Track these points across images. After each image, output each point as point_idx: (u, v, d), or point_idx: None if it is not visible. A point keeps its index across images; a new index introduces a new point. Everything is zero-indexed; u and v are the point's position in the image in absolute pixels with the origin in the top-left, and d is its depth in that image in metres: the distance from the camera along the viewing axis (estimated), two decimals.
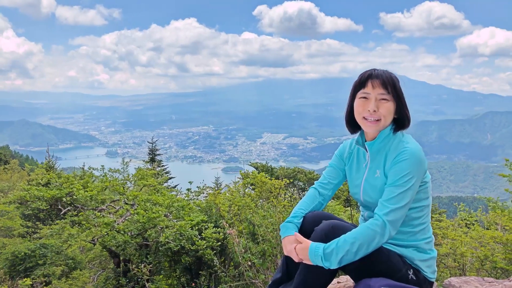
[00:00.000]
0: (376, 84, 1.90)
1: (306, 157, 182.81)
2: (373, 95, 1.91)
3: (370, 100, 1.91)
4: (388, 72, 1.95)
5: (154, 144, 20.11)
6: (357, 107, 1.97)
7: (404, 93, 1.95)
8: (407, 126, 1.97)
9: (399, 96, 1.93)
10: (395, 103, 1.92)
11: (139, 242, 4.29)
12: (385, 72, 1.94)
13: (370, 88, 1.91)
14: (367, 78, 1.93)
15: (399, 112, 1.94)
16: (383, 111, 1.91)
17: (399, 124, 1.97)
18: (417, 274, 1.92)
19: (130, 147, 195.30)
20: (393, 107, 1.92)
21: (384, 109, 1.90)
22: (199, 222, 4.25)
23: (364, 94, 1.93)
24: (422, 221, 1.96)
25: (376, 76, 1.91)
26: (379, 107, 1.90)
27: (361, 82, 1.95)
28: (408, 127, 1.97)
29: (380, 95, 1.90)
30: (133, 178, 5.54)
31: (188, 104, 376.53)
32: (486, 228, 5.99)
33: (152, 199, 4.31)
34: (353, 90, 2.01)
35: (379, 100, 1.90)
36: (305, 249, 1.83)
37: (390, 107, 1.91)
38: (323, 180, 2.22)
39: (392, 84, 1.91)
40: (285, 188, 6.85)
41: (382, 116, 1.91)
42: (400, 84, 1.95)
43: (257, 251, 3.94)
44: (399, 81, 1.95)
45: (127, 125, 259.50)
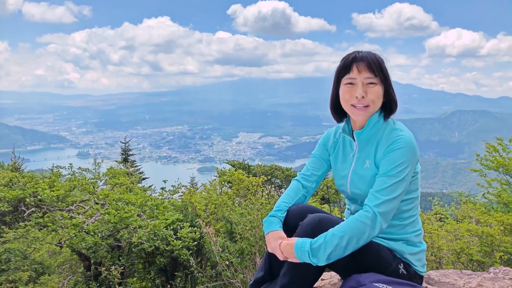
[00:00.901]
0: (362, 68, 1.76)
1: (281, 156, 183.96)
2: (359, 80, 1.77)
3: (357, 86, 1.78)
4: (372, 53, 1.81)
5: (127, 144, 19.65)
6: (343, 94, 1.83)
7: (390, 74, 1.83)
8: (395, 110, 1.85)
9: (386, 78, 1.81)
10: (383, 86, 1.79)
11: (111, 243, 4.08)
12: (370, 53, 1.81)
13: (355, 73, 1.77)
14: (351, 62, 1.79)
15: (387, 95, 1.82)
16: (372, 96, 1.78)
17: (386, 109, 1.86)
18: (408, 268, 1.83)
19: (103, 147, 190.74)
20: (381, 91, 1.79)
21: (372, 93, 1.77)
22: (174, 221, 4.08)
23: (350, 80, 1.79)
24: (412, 213, 1.87)
25: (361, 59, 1.78)
26: (367, 92, 1.77)
27: (345, 67, 1.81)
28: (395, 111, 1.85)
29: (367, 79, 1.77)
30: (104, 176, 5.29)
31: (162, 103, 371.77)
32: (458, 222, 6.10)
33: (124, 198, 4.11)
34: (336, 75, 1.87)
35: (366, 84, 1.77)
36: (290, 245, 1.70)
37: (379, 90, 1.78)
38: (306, 171, 2.09)
39: (378, 66, 1.78)
40: (263, 185, 6.75)
41: (371, 101, 1.78)
42: (386, 64, 1.82)
43: (235, 250, 3.83)
44: (385, 61, 1.83)
45: (99, 125, 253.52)
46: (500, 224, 4.46)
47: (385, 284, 1.52)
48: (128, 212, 3.68)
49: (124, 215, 3.63)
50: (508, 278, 2.67)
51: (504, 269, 2.83)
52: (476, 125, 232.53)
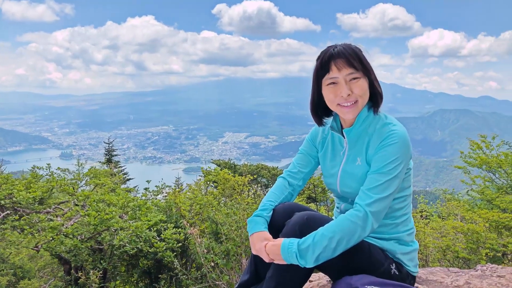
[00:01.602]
0: (341, 65, 1.66)
1: (268, 155, 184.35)
2: (341, 78, 1.67)
3: (340, 84, 1.68)
4: (348, 45, 1.70)
5: (111, 145, 19.33)
6: (327, 96, 1.74)
7: (371, 64, 1.73)
8: (381, 101, 1.76)
9: (368, 69, 1.71)
10: (366, 78, 1.70)
11: (92, 246, 3.94)
12: (346, 46, 1.69)
13: (335, 71, 1.67)
14: (328, 60, 1.68)
15: (371, 87, 1.73)
16: (358, 91, 1.68)
17: (373, 101, 1.77)
18: (400, 269, 1.76)
19: (86, 148, 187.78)
20: (366, 84, 1.70)
21: (358, 88, 1.68)
22: (157, 222, 3.97)
23: (332, 80, 1.69)
24: (404, 212, 1.80)
25: (338, 55, 1.66)
26: (353, 88, 1.68)
27: (323, 66, 1.70)
28: (382, 102, 1.76)
29: (349, 75, 1.67)
30: (85, 177, 5.12)
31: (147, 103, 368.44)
32: (443, 219, 6.15)
33: (105, 199, 3.97)
34: (315, 76, 1.76)
35: (350, 81, 1.68)
36: (277, 246, 1.60)
37: (363, 84, 1.69)
38: (292, 168, 1.99)
39: (358, 59, 1.67)
40: (249, 184, 6.68)
41: (358, 97, 1.69)
42: (365, 54, 1.72)
43: (220, 251, 3.75)
44: (363, 51, 1.72)
45: (83, 125, 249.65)
46: (485, 221, 4.49)
47: (378, 286, 1.45)
48: (109, 213, 3.55)
49: (105, 217, 3.51)
50: (496, 275, 2.66)
51: (491, 267, 2.82)
52: (458, 123, 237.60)
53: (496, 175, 7.33)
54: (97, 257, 4.32)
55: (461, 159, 7.76)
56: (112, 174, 8.68)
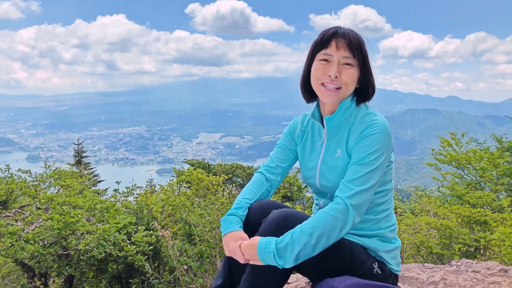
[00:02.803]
0: (341, 45, 1.59)
1: (243, 156, 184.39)
2: (336, 58, 1.60)
3: (332, 64, 1.60)
4: (354, 32, 1.64)
5: (80, 146, 18.73)
6: (315, 71, 1.65)
7: (370, 58, 1.66)
8: (372, 96, 1.69)
9: (365, 61, 1.64)
10: (359, 69, 1.63)
11: (56, 251, 3.72)
12: (352, 31, 1.63)
13: (333, 49, 1.59)
14: (330, 37, 1.61)
15: (364, 81, 1.66)
16: (346, 78, 1.61)
17: (361, 94, 1.70)
18: (383, 267, 1.67)
19: (55, 150, 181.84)
20: (356, 74, 1.63)
21: (347, 75, 1.60)
22: (126, 225, 3.79)
23: (326, 56, 1.61)
24: (386, 207, 1.72)
25: (342, 35, 1.60)
26: (342, 73, 1.60)
27: (323, 41, 1.62)
28: (372, 97, 1.69)
29: (344, 59, 1.60)
30: (48, 178, 4.84)
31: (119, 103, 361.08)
32: (415, 215, 6.24)
33: (70, 202, 3.76)
34: (312, 50, 1.67)
35: (342, 64, 1.60)
36: (253, 246, 1.48)
37: (354, 74, 1.62)
38: (270, 163, 1.88)
39: (359, 46, 1.61)
40: (223, 184, 6.56)
41: (343, 83, 1.61)
42: (367, 47, 1.65)
43: (194, 253, 3.62)
44: (366, 43, 1.65)
45: (51, 126, 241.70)
46: (457, 217, 4.56)
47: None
48: (74, 216, 3.35)
49: (69, 220, 3.30)
50: (471, 270, 2.66)
51: (466, 262, 2.83)
52: (427, 123, 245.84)
53: (465, 171, 7.53)
54: (63, 263, 4.09)
55: (432, 156, 7.93)
56: (82, 176, 8.35)
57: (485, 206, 5.95)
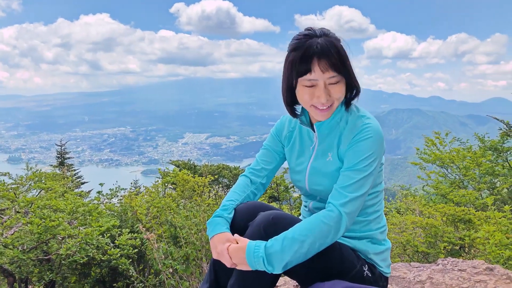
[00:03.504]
0: (325, 67, 1.47)
1: (229, 156, 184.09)
2: (321, 81, 1.50)
3: (319, 88, 1.51)
4: (331, 42, 1.50)
5: (63, 147, 18.36)
6: (302, 95, 1.55)
7: (349, 56, 1.56)
8: (357, 95, 1.62)
9: (349, 71, 1.55)
10: (345, 80, 1.55)
11: (37, 256, 3.61)
12: (329, 43, 1.49)
13: (318, 74, 1.48)
14: (311, 57, 1.47)
15: (349, 87, 1.59)
16: (336, 95, 1.53)
17: (348, 96, 1.63)
18: (373, 270, 1.64)
19: (37, 151, 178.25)
20: (344, 86, 1.55)
21: (336, 92, 1.53)
22: (109, 228, 3.70)
23: (310, 82, 1.51)
24: (376, 208, 1.69)
25: (322, 54, 1.47)
26: (330, 92, 1.53)
27: (304, 63, 1.49)
28: (358, 96, 1.62)
29: (330, 79, 1.50)
30: (28, 181, 4.70)
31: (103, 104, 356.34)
32: (401, 214, 6.29)
33: (51, 205, 3.65)
34: (292, 69, 1.54)
35: (329, 84, 1.52)
36: (241, 250, 1.43)
37: (342, 87, 1.54)
38: (255, 165, 1.83)
39: (342, 61, 1.50)
40: (210, 185, 6.49)
41: (335, 99, 1.55)
42: (347, 50, 1.55)
43: (179, 256, 3.56)
44: (344, 47, 1.55)
45: (33, 127, 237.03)
46: (442, 215, 4.60)
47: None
48: (55, 220, 3.25)
49: (50, 224, 3.20)
50: (457, 269, 2.68)
51: (452, 260, 2.84)
52: (411, 122, 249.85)
53: (449, 170, 7.64)
54: (44, 267, 3.98)
55: (417, 155, 8.02)
56: (64, 178, 8.16)
57: (469, 204, 6.04)
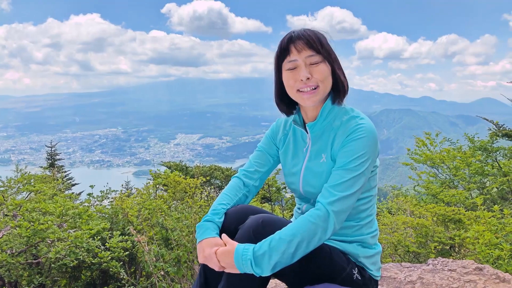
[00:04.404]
0: (301, 47, 1.55)
1: (221, 157, 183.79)
2: (301, 61, 1.55)
3: (300, 68, 1.55)
4: (309, 29, 1.59)
5: (53, 149, 18.14)
6: (287, 81, 1.60)
7: (334, 50, 1.62)
8: (343, 90, 1.63)
9: (330, 54, 1.59)
10: (328, 63, 1.58)
11: (26, 260, 3.56)
12: (306, 30, 1.59)
13: (295, 54, 1.56)
14: (288, 43, 1.57)
15: (334, 75, 1.61)
16: (318, 76, 1.56)
17: (336, 93, 1.64)
18: (363, 273, 1.64)
19: (27, 153, 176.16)
20: (328, 69, 1.58)
21: (318, 73, 1.56)
22: (100, 231, 3.67)
23: (291, 64, 1.57)
24: (369, 213, 1.68)
25: (297, 38, 1.56)
26: (313, 73, 1.55)
27: (283, 50, 1.59)
28: (345, 93, 1.64)
29: (309, 58, 1.55)
30: (16, 183, 4.62)
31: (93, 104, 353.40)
32: (392, 214, 6.33)
33: (40, 208, 3.60)
34: (276, 62, 1.64)
35: (309, 65, 1.55)
36: (230, 252, 1.42)
37: (324, 68, 1.57)
38: (249, 167, 1.82)
39: (318, 41, 1.56)
40: (201, 187, 6.46)
41: (319, 81, 1.56)
42: (328, 39, 1.61)
43: (171, 258, 3.54)
44: (326, 37, 1.61)
45: (22, 129, 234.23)
46: (432, 215, 4.64)
47: None
48: (44, 223, 3.21)
49: (39, 227, 3.16)
50: (447, 269, 2.70)
51: (442, 260, 2.87)
52: (402, 122, 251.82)
53: (439, 170, 7.71)
54: (34, 271, 3.92)
55: (408, 156, 8.08)
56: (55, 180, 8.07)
57: (459, 204, 6.10)
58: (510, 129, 7.30)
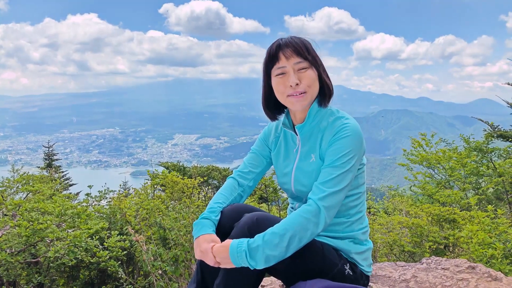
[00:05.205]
0: (289, 54, 1.64)
1: (219, 157, 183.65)
2: (289, 68, 1.65)
3: (288, 74, 1.65)
4: (296, 37, 1.69)
5: (51, 149, 18.11)
6: (277, 87, 1.69)
7: (320, 57, 1.72)
8: (328, 95, 1.72)
9: (316, 60, 1.69)
10: (315, 69, 1.68)
11: (25, 259, 3.58)
12: (294, 38, 1.69)
13: (283, 61, 1.65)
14: (276, 50, 1.67)
15: (320, 80, 1.70)
16: (306, 81, 1.65)
17: (323, 96, 1.73)
18: (354, 269, 1.71)
19: (24, 153, 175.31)
20: (314, 74, 1.67)
21: (306, 79, 1.65)
22: (98, 230, 3.70)
23: (280, 70, 1.66)
24: (358, 209, 1.76)
25: (286, 45, 1.66)
26: (301, 79, 1.65)
27: (271, 57, 1.68)
28: (330, 96, 1.73)
29: (297, 65, 1.64)
30: (15, 183, 4.64)
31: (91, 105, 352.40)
32: (388, 214, 6.38)
33: (39, 208, 3.63)
34: (265, 68, 1.73)
35: (298, 71, 1.65)
36: (225, 247, 1.48)
37: (311, 74, 1.66)
38: (243, 168, 1.91)
39: (305, 48, 1.66)
40: (199, 187, 6.50)
41: (306, 87, 1.66)
42: (314, 46, 1.71)
43: (168, 258, 3.57)
44: (312, 44, 1.71)
45: (19, 129, 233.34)
46: (427, 215, 4.69)
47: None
48: (43, 223, 3.24)
49: (38, 227, 3.19)
50: (440, 268, 2.75)
51: (436, 259, 2.92)
52: (399, 123, 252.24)
53: (435, 170, 7.77)
54: (32, 270, 3.95)
55: (404, 156, 8.14)
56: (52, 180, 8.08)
57: (454, 204, 6.15)
58: (505, 130, 7.37)
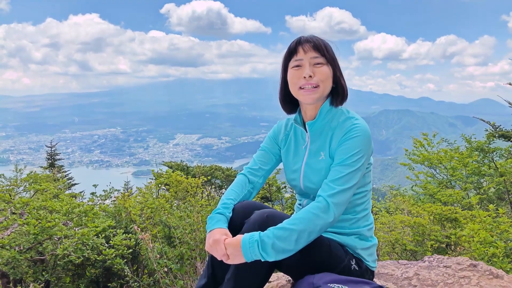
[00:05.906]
0: (307, 48, 1.71)
1: (220, 157, 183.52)
2: (306, 61, 1.71)
3: (304, 66, 1.71)
4: (317, 36, 1.77)
5: (53, 149, 18.16)
6: (291, 78, 1.75)
7: (338, 59, 1.78)
8: (342, 96, 1.79)
9: (334, 59, 1.76)
10: (330, 67, 1.74)
11: (32, 257, 3.64)
12: (315, 36, 1.76)
13: (301, 54, 1.72)
14: (296, 45, 1.74)
15: (335, 79, 1.77)
16: (320, 76, 1.71)
17: (336, 94, 1.79)
18: (360, 264, 1.76)
19: (26, 153, 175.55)
20: (329, 71, 1.73)
21: (320, 74, 1.71)
22: (105, 228, 3.75)
23: (297, 62, 1.73)
24: (364, 207, 1.81)
25: (306, 41, 1.73)
26: (315, 73, 1.71)
27: (291, 51, 1.76)
28: (343, 98, 1.79)
29: (314, 59, 1.71)
30: (23, 182, 4.70)
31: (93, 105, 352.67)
32: (390, 214, 6.41)
33: (47, 206, 3.68)
34: (284, 62, 1.80)
35: (313, 65, 1.71)
36: (237, 241, 1.52)
37: (326, 71, 1.72)
38: (253, 165, 1.95)
39: (324, 46, 1.73)
40: (203, 186, 6.55)
41: (319, 81, 1.71)
42: (333, 49, 1.78)
43: (174, 256, 3.62)
44: (332, 47, 1.78)
45: (21, 128, 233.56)
46: (429, 214, 4.72)
47: (340, 284, 1.43)
48: (51, 221, 3.29)
49: (46, 225, 3.24)
50: (442, 266, 2.78)
51: (437, 257, 2.95)
52: (401, 123, 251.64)
53: (437, 170, 7.80)
54: (39, 268, 4.00)
55: (406, 156, 8.17)
56: (56, 180, 8.14)
57: (456, 203, 6.19)
58: (506, 130, 7.39)
